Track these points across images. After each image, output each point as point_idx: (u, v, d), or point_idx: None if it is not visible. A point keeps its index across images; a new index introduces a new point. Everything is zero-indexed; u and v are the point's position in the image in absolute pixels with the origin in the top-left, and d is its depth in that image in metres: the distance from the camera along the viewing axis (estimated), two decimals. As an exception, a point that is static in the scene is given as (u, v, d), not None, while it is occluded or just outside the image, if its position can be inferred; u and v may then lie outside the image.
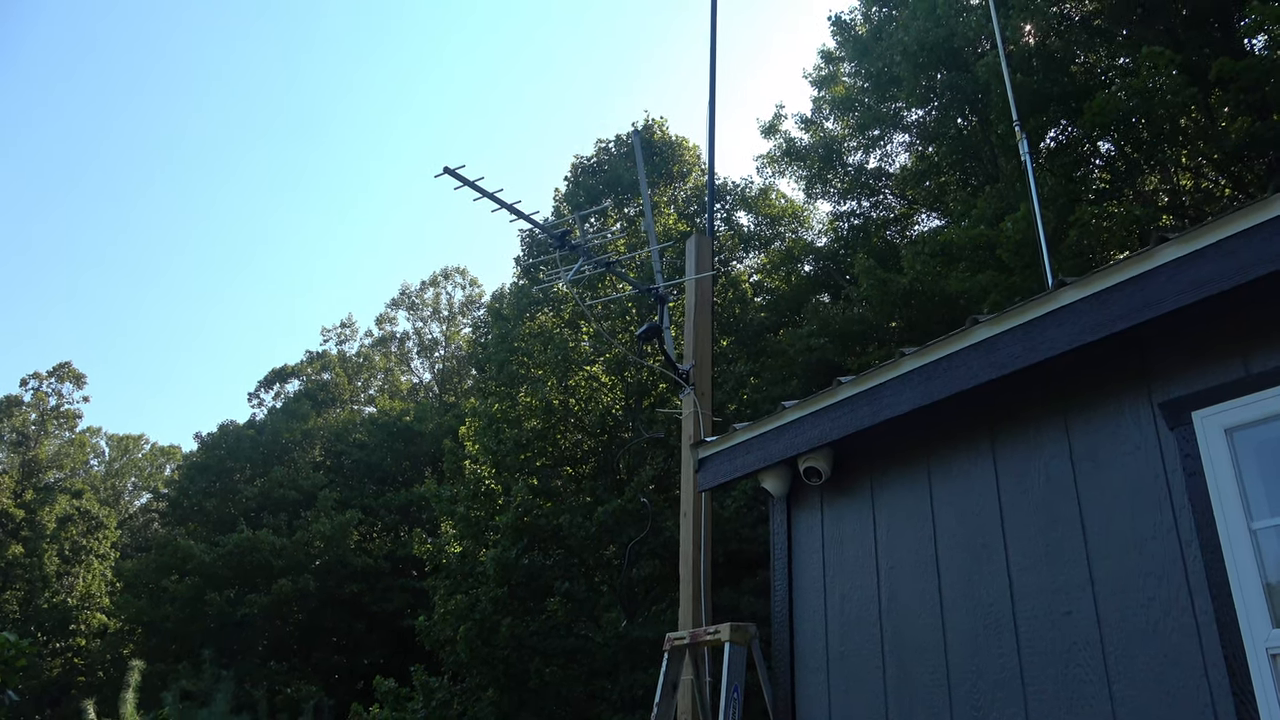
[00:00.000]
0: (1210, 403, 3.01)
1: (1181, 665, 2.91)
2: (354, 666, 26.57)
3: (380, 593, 26.08)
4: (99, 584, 33.46)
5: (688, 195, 19.90)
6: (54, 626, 31.84)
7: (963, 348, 3.57)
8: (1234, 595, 2.81)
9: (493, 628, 14.67)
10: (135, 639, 28.07)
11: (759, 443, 4.46)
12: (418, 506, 27.12)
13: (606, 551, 15.40)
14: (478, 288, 40.27)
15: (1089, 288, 3.18)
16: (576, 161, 20.35)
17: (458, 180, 5.65)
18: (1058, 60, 14.26)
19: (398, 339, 40.97)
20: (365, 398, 39.85)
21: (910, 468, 4.01)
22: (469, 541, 16.82)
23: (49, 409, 40.38)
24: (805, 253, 20.67)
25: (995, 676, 3.41)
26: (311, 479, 29.46)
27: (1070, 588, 3.27)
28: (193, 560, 25.53)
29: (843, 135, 20.19)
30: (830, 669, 4.08)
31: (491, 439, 16.70)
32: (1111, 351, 3.29)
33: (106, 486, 42.45)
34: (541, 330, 17.48)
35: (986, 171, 16.30)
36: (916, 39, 15.46)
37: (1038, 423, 3.55)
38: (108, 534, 35.43)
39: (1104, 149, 15.10)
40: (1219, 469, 2.94)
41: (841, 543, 4.23)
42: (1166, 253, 2.98)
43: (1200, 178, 15.46)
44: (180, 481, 32.93)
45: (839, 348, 16.28)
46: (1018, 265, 12.60)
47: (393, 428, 30.89)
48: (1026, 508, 3.49)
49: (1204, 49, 13.17)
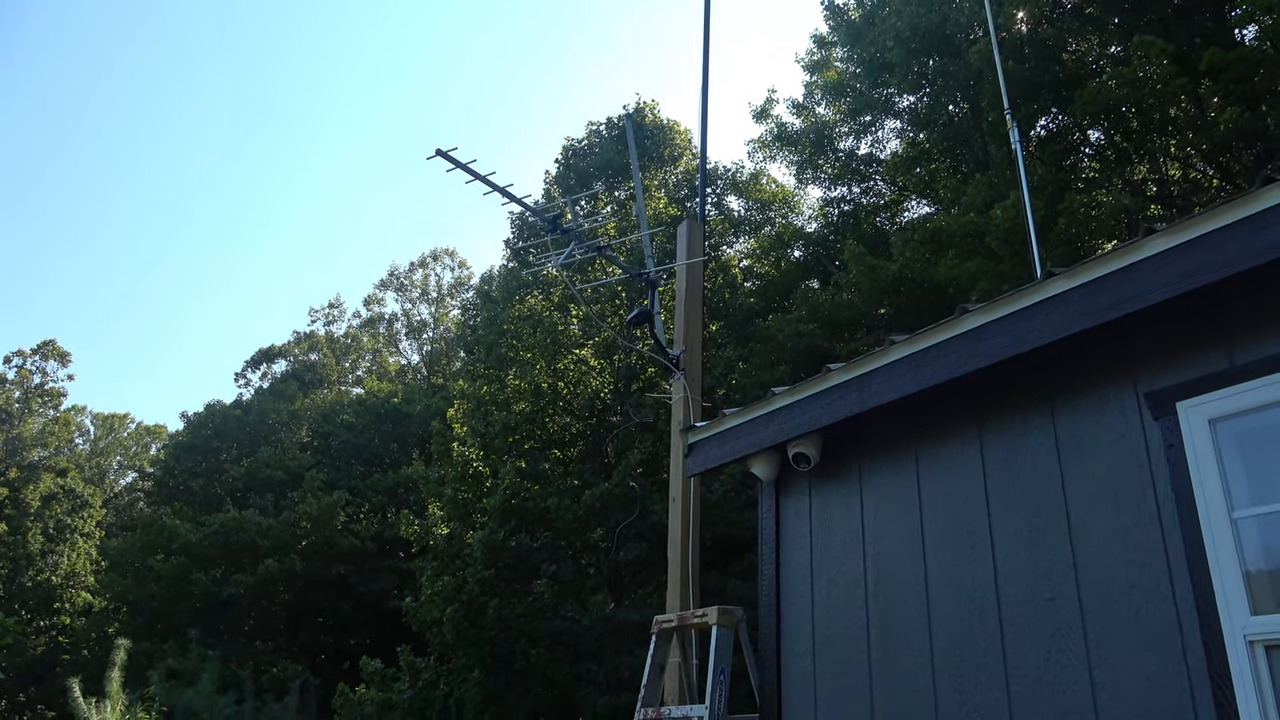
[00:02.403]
0: (1194, 394, 3.04)
1: (1161, 651, 2.96)
2: (340, 647, 26.63)
3: (367, 574, 26.11)
4: (84, 562, 33.35)
5: (678, 179, 19.85)
6: (38, 605, 31.77)
7: (951, 336, 3.60)
8: (1214, 583, 2.86)
9: (480, 609, 14.73)
10: (120, 618, 28.01)
11: (749, 428, 4.49)
12: (405, 488, 27.12)
13: (594, 535, 15.46)
14: (467, 270, 40.16)
15: (1077, 278, 3.20)
16: (567, 144, 20.27)
17: (450, 162, 5.63)
18: (1049, 48, 14.27)
19: (386, 320, 40.84)
20: (353, 379, 39.75)
21: (898, 454, 4.05)
22: (456, 523, 16.86)
23: (33, 387, 40.10)
24: (795, 238, 20.69)
25: (978, 660, 3.46)
26: (298, 460, 29.41)
27: (1054, 574, 3.31)
28: (178, 540, 25.47)
29: (834, 120, 20.16)
30: (816, 652, 4.13)
31: (480, 421, 16.70)
32: (1098, 341, 3.32)
33: (91, 465, 42.22)
34: (531, 313, 17.46)
35: (977, 159, 16.32)
36: (909, 24, 15.43)
37: (1024, 411, 3.58)
38: (92, 513, 35.29)
39: (1094, 138, 15.15)
40: (1202, 459, 2.98)
41: (829, 528, 4.27)
42: (1154, 244, 3.01)
43: (1189, 168, 15.52)
44: (166, 461, 32.82)
45: (828, 333, 16.34)
46: (1007, 253, 12.65)
47: (380, 409, 30.83)
48: (1012, 495, 3.53)
49: (1194, 39, 13.20)
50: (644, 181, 18.75)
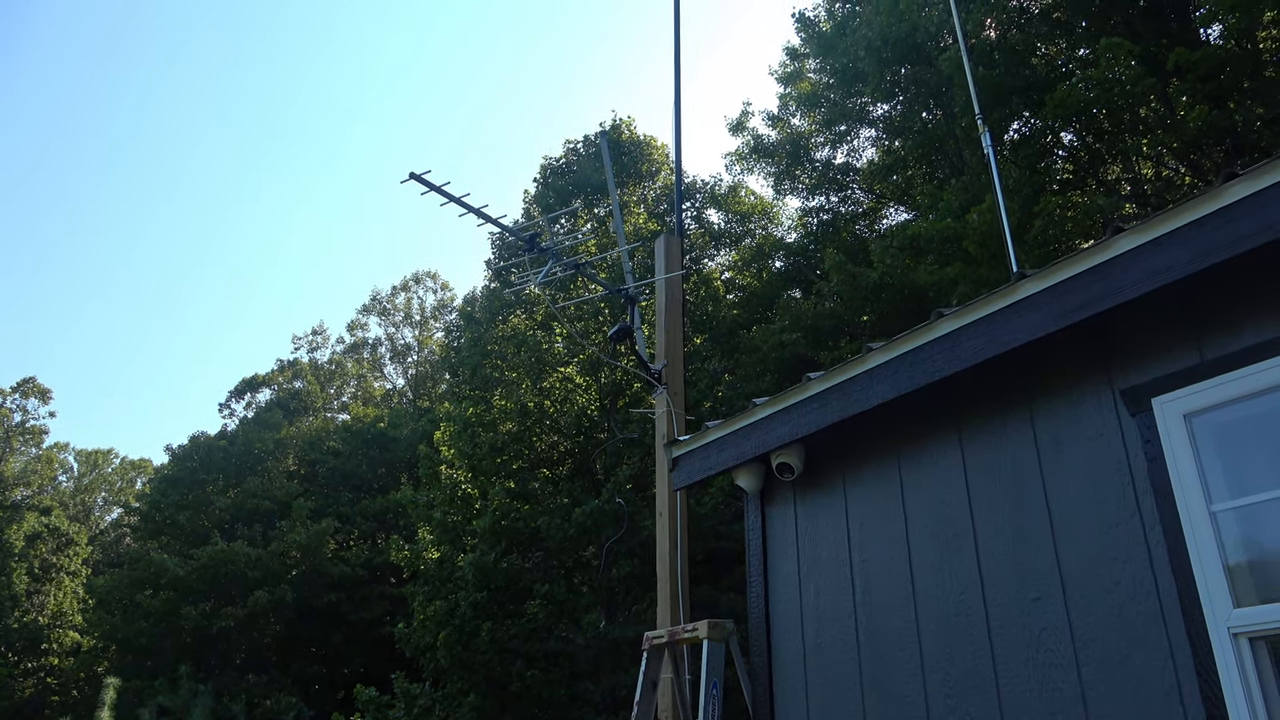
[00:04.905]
0: (1168, 389, 3.07)
1: (1147, 646, 2.97)
2: (334, 676, 26.36)
3: (358, 601, 25.90)
4: (71, 601, 32.93)
5: (657, 194, 19.93)
6: (25, 646, 31.32)
7: (927, 341, 3.62)
8: (1196, 576, 2.87)
9: (473, 632, 14.63)
10: (109, 656, 27.68)
11: (731, 440, 4.49)
12: (394, 513, 26.95)
13: (585, 553, 15.40)
14: (449, 291, 40.13)
15: (1048, 279, 3.23)
16: (545, 163, 20.31)
17: (424, 185, 5.63)
18: (1019, 53, 14.43)
19: (370, 345, 40.71)
20: (338, 405, 39.55)
21: (880, 460, 4.06)
22: (447, 546, 16.75)
23: (14, 425, 39.67)
24: (775, 249, 20.77)
25: (967, 663, 3.46)
26: (285, 489, 29.20)
27: (1038, 574, 3.32)
28: (166, 574, 25.21)
29: (810, 131, 20.31)
30: (807, 661, 4.12)
31: (467, 443, 16.63)
32: (1073, 340, 3.35)
33: (76, 502, 41.78)
34: (514, 333, 17.44)
35: (952, 164, 16.47)
36: (880, 34, 15.59)
37: (1003, 413, 3.60)
38: (78, 550, 34.88)
39: (1066, 140, 15.31)
40: (1179, 453, 3.00)
41: (815, 536, 4.27)
42: (1123, 243, 3.04)
43: (1161, 166, 15.70)
44: (152, 495, 32.49)
45: (811, 343, 16.38)
46: (984, 256, 12.74)
47: (367, 434, 30.68)
48: (995, 496, 3.54)
49: (1161, 39, 13.39)
50: (622, 198, 18.80)
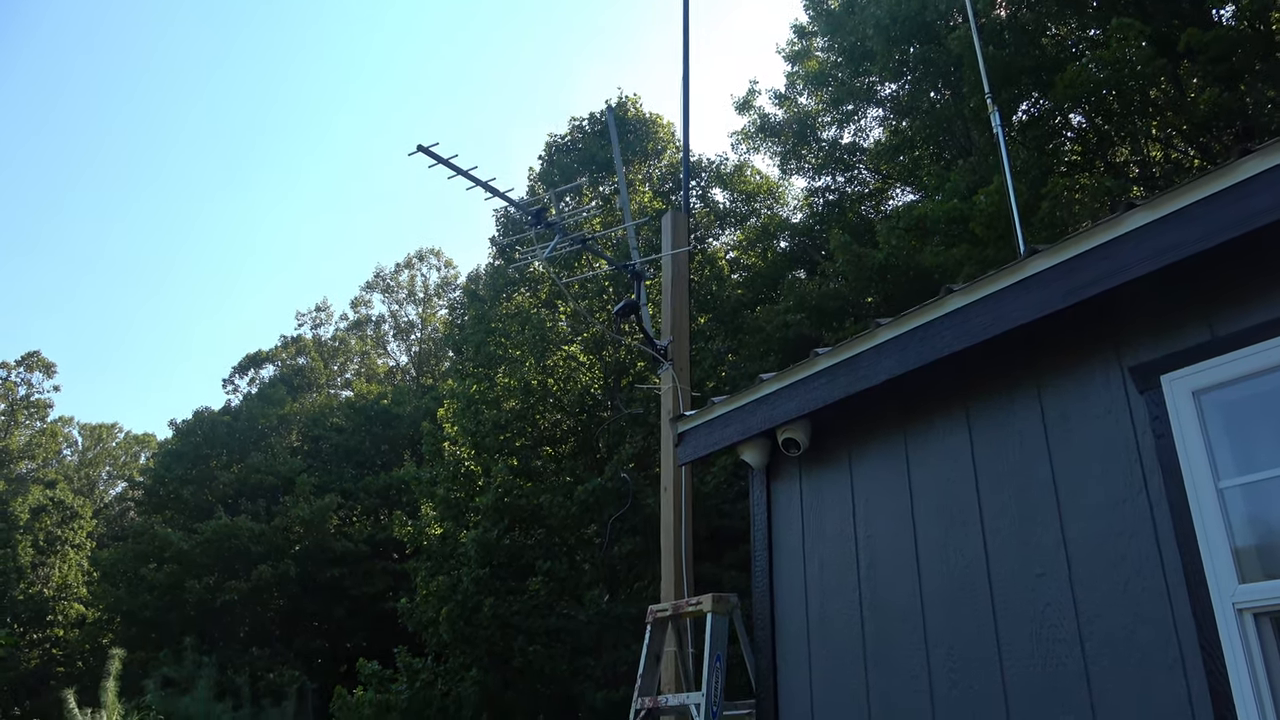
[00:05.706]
0: (1177, 366, 3.06)
1: (1152, 622, 2.98)
2: (336, 650, 26.57)
3: (361, 576, 26.05)
4: (75, 574, 33.16)
5: (662, 172, 19.84)
6: (30, 618, 31.57)
7: (936, 317, 3.61)
8: (1202, 552, 2.88)
9: (475, 608, 14.72)
10: (114, 628, 27.89)
11: (737, 415, 4.49)
12: (397, 489, 27.06)
13: (588, 530, 15.46)
14: (453, 269, 40.05)
15: (1057, 256, 3.22)
16: (551, 140, 20.23)
17: (431, 158, 5.61)
18: (1029, 33, 14.32)
19: (373, 322, 40.69)
20: (342, 381, 39.61)
21: (887, 436, 4.06)
22: (449, 523, 16.83)
23: (18, 399, 39.82)
24: (781, 229, 20.70)
25: (971, 639, 3.48)
26: (289, 464, 29.30)
27: (1043, 549, 3.33)
28: (171, 548, 25.37)
29: (816, 110, 20.18)
30: (810, 636, 4.15)
31: (470, 420, 16.67)
32: (1082, 317, 3.34)
33: (80, 476, 41.97)
34: (518, 310, 17.42)
35: (960, 145, 16.37)
36: (889, 12, 15.45)
37: (1011, 389, 3.60)
38: (83, 524, 35.07)
39: (1075, 121, 15.22)
40: (1187, 430, 3.00)
41: (820, 512, 4.29)
42: (1133, 219, 3.02)
43: (1170, 148, 15.60)
44: (156, 469, 32.63)
45: (815, 323, 16.36)
46: (991, 238, 12.69)
47: (370, 411, 30.75)
48: (1001, 473, 3.55)
49: (1172, 20, 13.27)
50: (628, 175, 18.73)
